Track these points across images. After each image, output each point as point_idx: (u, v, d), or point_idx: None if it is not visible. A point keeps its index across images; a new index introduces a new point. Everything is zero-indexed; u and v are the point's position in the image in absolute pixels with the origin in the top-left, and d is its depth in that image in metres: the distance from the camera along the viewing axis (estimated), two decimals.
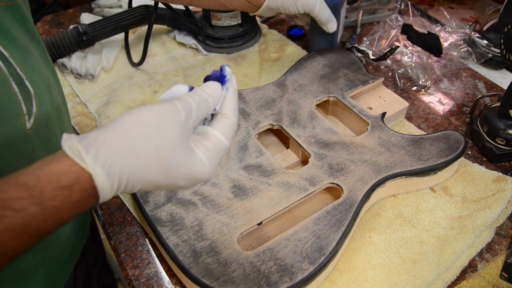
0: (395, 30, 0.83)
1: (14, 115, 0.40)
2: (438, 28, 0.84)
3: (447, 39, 0.81)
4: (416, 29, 0.80)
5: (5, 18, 0.42)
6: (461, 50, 0.81)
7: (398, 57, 0.81)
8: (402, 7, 0.93)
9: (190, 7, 0.97)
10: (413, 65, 0.79)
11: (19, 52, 0.43)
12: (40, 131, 0.45)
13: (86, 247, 0.69)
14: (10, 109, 0.40)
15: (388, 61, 0.81)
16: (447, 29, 0.83)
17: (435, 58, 0.80)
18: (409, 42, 0.81)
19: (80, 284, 0.68)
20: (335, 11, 0.76)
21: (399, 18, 0.85)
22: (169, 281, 0.54)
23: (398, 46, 0.76)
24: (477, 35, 0.82)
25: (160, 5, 0.87)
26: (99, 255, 0.81)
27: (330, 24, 0.75)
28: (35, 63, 0.45)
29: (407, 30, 0.81)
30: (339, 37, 0.83)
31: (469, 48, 0.80)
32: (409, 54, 0.80)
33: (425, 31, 0.79)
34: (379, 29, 0.84)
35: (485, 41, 0.80)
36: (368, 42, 0.83)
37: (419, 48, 0.80)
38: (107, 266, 0.88)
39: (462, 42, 0.81)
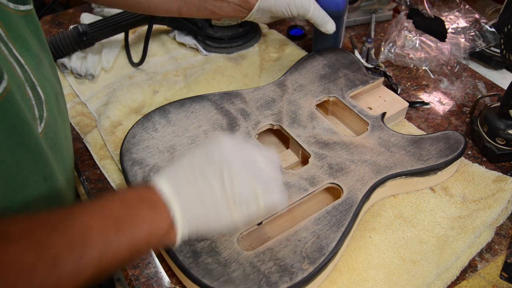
0: (407, 28, 0.82)
1: (29, 118, 0.42)
2: (447, 13, 0.83)
3: (455, 23, 0.80)
4: (422, 13, 0.79)
5: (22, 27, 0.44)
6: (469, 34, 0.80)
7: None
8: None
9: None
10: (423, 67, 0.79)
11: (33, 60, 0.44)
12: (49, 136, 0.46)
13: None
14: (26, 113, 0.41)
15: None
16: (456, 14, 0.82)
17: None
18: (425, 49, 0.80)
19: None
20: (339, 18, 0.77)
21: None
22: (169, 281, 0.54)
23: (428, 103, 0.75)
24: (485, 20, 0.81)
25: None
26: None
27: (329, 25, 0.72)
28: (46, 71, 0.48)
29: (413, 15, 0.81)
30: (341, 39, 0.83)
31: (477, 32, 0.79)
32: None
33: (432, 16, 0.79)
34: (391, 30, 0.84)
35: (493, 29, 0.79)
36: (390, 45, 0.82)
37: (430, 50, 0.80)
38: None
39: (470, 26, 0.80)
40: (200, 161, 0.43)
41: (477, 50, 0.80)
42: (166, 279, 0.54)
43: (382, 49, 0.83)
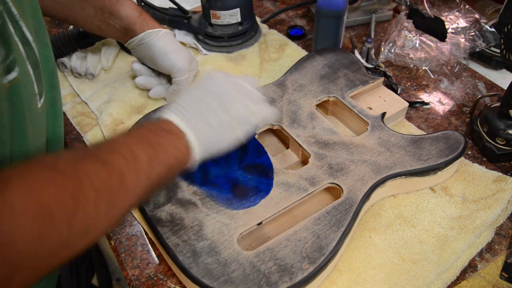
0: (407, 27, 0.82)
1: (30, 94, 0.44)
2: (447, 13, 0.83)
3: (455, 23, 0.80)
4: (422, 13, 0.79)
5: (27, 5, 0.45)
6: (469, 34, 0.80)
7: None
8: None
9: (191, 7, 0.97)
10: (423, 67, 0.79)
11: (36, 36, 0.46)
12: (48, 111, 0.50)
13: None
14: (28, 89, 0.43)
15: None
16: (456, 14, 0.82)
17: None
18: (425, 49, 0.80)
19: (74, 278, 0.69)
20: (339, 18, 0.77)
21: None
22: (169, 281, 0.54)
23: (428, 103, 0.75)
24: (485, 20, 0.81)
25: (160, 5, 0.87)
26: (86, 254, 0.81)
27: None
28: (44, 48, 0.50)
29: (413, 15, 0.81)
30: (341, 39, 0.84)
31: (477, 32, 0.79)
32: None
33: (432, 16, 0.79)
34: (391, 30, 0.84)
35: (493, 29, 0.79)
36: (390, 45, 0.82)
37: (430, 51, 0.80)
38: (93, 265, 0.88)
39: (470, 26, 0.80)
40: (200, 94, 0.50)
41: (477, 50, 0.80)
42: (166, 279, 0.54)
43: (382, 49, 0.83)
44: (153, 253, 0.57)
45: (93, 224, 0.36)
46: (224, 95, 0.50)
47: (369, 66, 0.78)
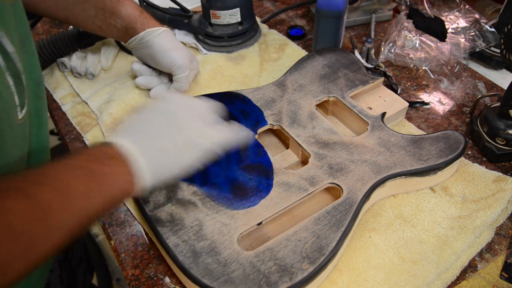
0: (407, 27, 0.82)
1: (9, 106, 0.43)
2: (447, 13, 0.83)
3: (455, 23, 0.80)
4: (422, 13, 0.80)
5: (11, 15, 0.45)
6: (469, 34, 0.80)
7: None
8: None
9: (191, 7, 0.97)
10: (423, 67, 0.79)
11: (20, 48, 0.46)
12: (32, 121, 0.49)
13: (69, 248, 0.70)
14: (6, 101, 0.42)
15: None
16: (456, 14, 0.82)
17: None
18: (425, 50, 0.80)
19: (66, 284, 0.68)
20: (339, 18, 0.77)
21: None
22: (169, 281, 0.54)
23: (428, 103, 0.75)
24: (485, 20, 0.81)
25: (160, 5, 0.87)
26: (82, 257, 0.81)
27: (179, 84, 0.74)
28: (30, 59, 0.50)
29: (413, 15, 0.81)
30: (341, 39, 0.84)
31: (477, 32, 0.79)
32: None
33: (432, 16, 0.79)
34: (391, 30, 0.84)
35: (493, 29, 0.79)
36: (390, 45, 0.82)
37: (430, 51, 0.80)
38: (91, 267, 0.88)
39: (470, 26, 0.80)
40: (151, 116, 0.48)
41: (477, 50, 0.80)
42: (166, 279, 0.54)
43: (382, 49, 0.83)
44: (153, 253, 0.57)
45: (5, 269, 0.33)
46: (176, 117, 0.47)
47: (369, 66, 0.78)
